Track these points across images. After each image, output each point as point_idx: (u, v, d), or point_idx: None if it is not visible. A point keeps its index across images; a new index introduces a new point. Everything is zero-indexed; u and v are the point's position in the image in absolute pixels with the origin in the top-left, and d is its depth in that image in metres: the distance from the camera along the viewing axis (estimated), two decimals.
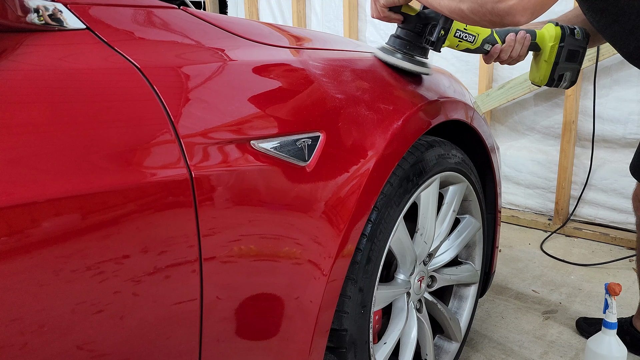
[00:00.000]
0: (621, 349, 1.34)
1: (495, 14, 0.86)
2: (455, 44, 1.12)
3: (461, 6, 0.89)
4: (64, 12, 0.68)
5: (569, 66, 1.22)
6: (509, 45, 1.12)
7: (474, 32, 1.12)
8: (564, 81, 1.23)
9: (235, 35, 0.88)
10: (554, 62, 1.20)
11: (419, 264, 1.19)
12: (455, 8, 0.91)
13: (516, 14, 0.85)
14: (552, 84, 1.23)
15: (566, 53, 1.19)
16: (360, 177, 0.90)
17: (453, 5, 0.91)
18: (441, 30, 1.06)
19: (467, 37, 1.12)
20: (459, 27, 1.10)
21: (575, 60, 1.22)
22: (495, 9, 0.85)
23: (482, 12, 0.88)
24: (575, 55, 1.21)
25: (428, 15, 1.08)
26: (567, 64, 1.21)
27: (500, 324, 1.73)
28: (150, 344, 0.67)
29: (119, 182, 0.60)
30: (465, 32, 1.11)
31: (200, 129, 0.70)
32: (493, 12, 0.86)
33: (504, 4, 0.84)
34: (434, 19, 1.07)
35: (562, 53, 1.19)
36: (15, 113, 0.56)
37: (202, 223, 0.68)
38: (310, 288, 0.85)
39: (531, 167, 2.64)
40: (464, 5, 0.89)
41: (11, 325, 0.53)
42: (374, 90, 1.01)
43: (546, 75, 1.22)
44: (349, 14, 3.06)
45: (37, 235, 0.54)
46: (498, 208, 1.50)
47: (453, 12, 0.93)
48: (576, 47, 1.20)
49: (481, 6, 0.87)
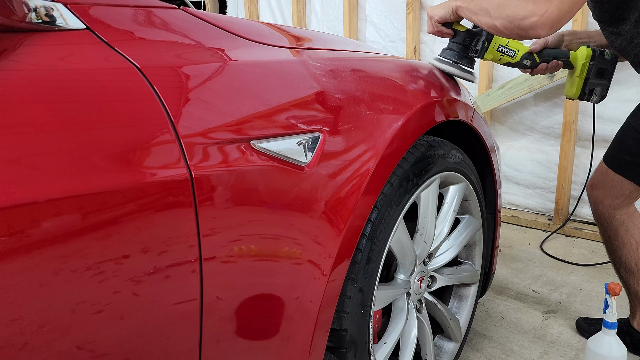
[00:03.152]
0: (621, 349, 1.34)
1: (521, 28, 1.08)
2: (498, 58, 1.33)
3: (495, 23, 1.13)
4: (64, 12, 0.68)
5: (599, 82, 1.38)
6: (542, 69, 1.38)
7: (514, 48, 1.32)
8: (594, 95, 1.40)
9: (235, 35, 0.88)
10: (585, 78, 1.38)
11: (419, 264, 1.19)
12: (491, 24, 1.15)
13: (537, 28, 1.07)
14: (583, 97, 1.40)
15: (596, 70, 1.37)
16: (360, 177, 0.90)
17: (490, 22, 1.15)
18: (485, 42, 1.27)
19: (509, 52, 1.32)
20: (501, 42, 1.31)
21: (605, 77, 1.39)
22: (521, 25, 1.08)
23: (511, 27, 1.10)
24: (604, 72, 1.38)
25: (474, 31, 1.29)
26: (596, 80, 1.38)
27: (500, 324, 1.73)
28: (150, 344, 0.67)
29: (119, 182, 0.60)
30: (507, 48, 1.32)
31: (200, 129, 0.69)
32: (520, 27, 1.08)
33: (527, 21, 1.06)
34: (478, 34, 1.28)
35: (592, 70, 1.36)
36: (15, 113, 0.56)
37: (202, 223, 0.68)
38: (310, 288, 0.85)
39: (531, 167, 2.64)
40: (497, 22, 1.12)
41: (11, 325, 0.53)
42: (373, 90, 1.01)
43: (578, 89, 1.39)
44: (349, 14, 3.06)
45: (37, 235, 0.54)
46: (498, 208, 1.50)
47: (490, 28, 1.17)
48: (605, 65, 1.37)
49: (510, 22, 1.10)
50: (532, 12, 1.06)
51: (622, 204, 1.48)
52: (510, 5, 1.09)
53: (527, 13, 1.07)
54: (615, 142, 1.47)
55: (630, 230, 1.49)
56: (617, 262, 1.54)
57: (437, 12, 1.25)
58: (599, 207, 1.52)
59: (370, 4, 3.05)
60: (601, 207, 1.52)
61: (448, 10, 1.23)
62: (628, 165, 1.42)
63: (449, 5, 1.23)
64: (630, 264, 1.50)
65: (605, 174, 1.48)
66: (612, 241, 1.53)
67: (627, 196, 1.45)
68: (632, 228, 1.49)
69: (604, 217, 1.52)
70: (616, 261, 1.55)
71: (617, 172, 1.44)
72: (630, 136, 1.40)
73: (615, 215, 1.49)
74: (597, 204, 1.53)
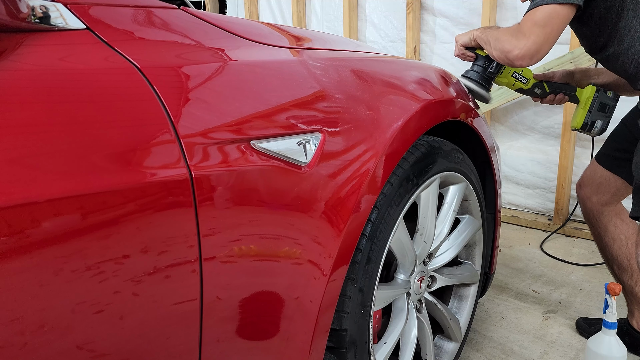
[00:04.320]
0: (621, 349, 1.34)
1: (508, 59, 1.29)
2: (512, 83, 1.51)
3: (494, 53, 1.35)
4: (64, 12, 0.67)
5: (601, 115, 1.50)
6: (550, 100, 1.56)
7: (527, 77, 1.50)
8: (595, 127, 1.51)
9: (235, 35, 0.88)
10: (588, 110, 1.50)
11: (419, 264, 1.19)
12: (492, 54, 1.36)
13: (519, 60, 1.26)
14: (585, 128, 1.52)
15: (598, 104, 1.50)
16: (360, 177, 0.90)
17: (491, 52, 1.37)
18: (501, 66, 1.46)
19: (522, 79, 1.50)
20: (516, 70, 1.49)
21: (606, 112, 1.51)
22: (508, 57, 1.28)
23: (502, 58, 1.31)
24: (606, 107, 1.50)
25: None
26: (598, 113, 1.50)
27: (500, 324, 1.73)
28: (150, 344, 0.67)
29: (119, 182, 0.60)
30: (520, 75, 1.50)
31: (200, 129, 0.69)
32: (507, 58, 1.29)
33: (512, 54, 1.27)
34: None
35: (594, 104, 1.50)
36: (15, 113, 0.56)
37: (202, 223, 0.68)
38: (310, 288, 0.85)
39: (531, 167, 2.64)
40: (495, 53, 1.34)
41: (11, 325, 0.53)
42: (374, 90, 1.01)
43: (581, 120, 1.51)
44: (349, 14, 3.06)
45: (37, 235, 0.54)
46: (498, 208, 1.50)
47: (493, 57, 1.38)
48: (607, 101, 1.50)
49: (501, 53, 1.31)
50: (515, 45, 1.26)
51: (610, 201, 1.53)
52: (502, 39, 1.31)
53: (511, 47, 1.26)
54: (607, 141, 1.55)
55: (618, 226, 1.53)
56: (610, 260, 1.57)
57: (461, 37, 1.47)
58: (587, 204, 1.58)
59: (370, 4, 3.05)
60: (589, 204, 1.57)
61: (470, 37, 1.45)
62: (617, 162, 1.49)
63: (472, 33, 1.45)
64: (622, 260, 1.53)
65: (594, 171, 1.55)
66: (602, 238, 1.57)
67: (614, 193, 1.52)
68: (620, 224, 1.53)
69: (592, 214, 1.57)
70: (608, 259, 1.58)
71: (607, 169, 1.51)
72: (621, 134, 1.48)
73: (603, 212, 1.54)
74: (585, 201, 1.58)
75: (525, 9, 1.30)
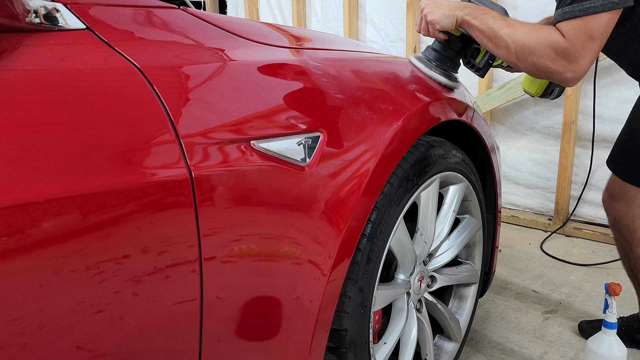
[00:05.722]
0: (621, 349, 1.34)
1: (550, 78, 1.10)
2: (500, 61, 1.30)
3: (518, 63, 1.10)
4: (64, 12, 0.68)
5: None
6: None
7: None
8: (553, 93, 1.43)
9: (235, 35, 0.88)
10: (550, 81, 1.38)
11: (419, 264, 1.19)
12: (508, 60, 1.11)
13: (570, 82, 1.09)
14: (544, 95, 1.43)
15: None
16: (360, 177, 0.90)
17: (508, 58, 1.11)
18: (489, 60, 1.22)
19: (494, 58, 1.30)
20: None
21: None
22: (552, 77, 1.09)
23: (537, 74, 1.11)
24: None
25: (469, 37, 1.17)
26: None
27: (500, 324, 1.73)
28: (150, 344, 0.67)
29: (119, 182, 0.60)
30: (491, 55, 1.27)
31: (200, 129, 0.70)
32: (548, 77, 1.10)
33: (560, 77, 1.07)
34: (475, 42, 1.18)
35: None
36: (15, 113, 0.56)
37: (202, 223, 0.68)
38: (310, 288, 0.85)
39: (531, 167, 2.64)
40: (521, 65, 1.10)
41: (11, 325, 0.53)
42: (374, 90, 1.01)
43: (542, 87, 1.41)
44: (349, 14, 3.06)
45: (37, 235, 0.54)
46: (498, 208, 1.50)
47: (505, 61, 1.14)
48: None
49: (538, 71, 1.08)
50: (567, 68, 1.04)
51: None
52: (538, 52, 1.04)
53: (561, 69, 1.04)
54: (621, 150, 1.44)
55: None
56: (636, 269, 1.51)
57: (439, 19, 1.15)
58: (623, 219, 1.49)
59: (370, 4, 3.05)
60: (625, 220, 1.48)
61: (452, 21, 1.14)
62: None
63: (454, 15, 1.14)
64: None
65: (622, 185, 1.45)
66: (634, 250, 1.49)
67: None
68: None
69: (627, 229, 1.49)
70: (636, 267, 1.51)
71: (635, 185, 1.41)
72: (635, 142, 1.38)
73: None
74: (622, 216, 1.49)
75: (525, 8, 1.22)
